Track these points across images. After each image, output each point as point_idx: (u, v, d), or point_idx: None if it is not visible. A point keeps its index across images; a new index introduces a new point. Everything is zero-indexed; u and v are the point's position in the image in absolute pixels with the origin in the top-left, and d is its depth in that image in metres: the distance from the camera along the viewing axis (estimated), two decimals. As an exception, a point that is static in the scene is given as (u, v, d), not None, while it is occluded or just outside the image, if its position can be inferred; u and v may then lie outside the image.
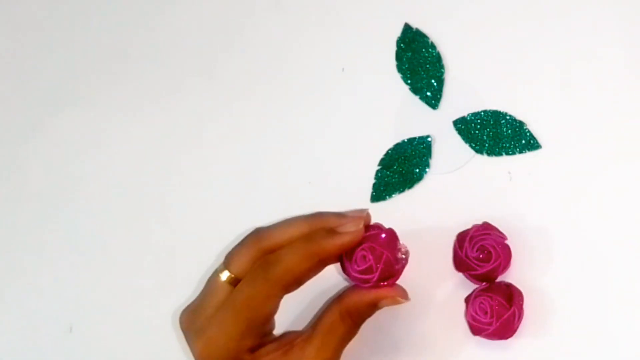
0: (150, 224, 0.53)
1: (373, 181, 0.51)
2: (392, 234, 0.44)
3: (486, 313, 0.45)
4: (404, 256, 0.45)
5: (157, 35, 0.56)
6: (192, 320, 0.44)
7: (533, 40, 0.51)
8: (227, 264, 0.44)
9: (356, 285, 0.44)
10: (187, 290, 0.50)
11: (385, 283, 0.43)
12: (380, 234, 0.44)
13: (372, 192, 0.51)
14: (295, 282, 0.43)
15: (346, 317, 0.43)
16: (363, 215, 0.44)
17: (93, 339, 0.52)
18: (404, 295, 0.44)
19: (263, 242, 0.44)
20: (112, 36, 0.56)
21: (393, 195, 0.50)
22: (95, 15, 0.57)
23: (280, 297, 0.43)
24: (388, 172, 0.51)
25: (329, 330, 0.43)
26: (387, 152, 0.51)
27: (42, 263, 0.53)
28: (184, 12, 0.56)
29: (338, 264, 0.45)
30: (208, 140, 0.53)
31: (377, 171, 0.51)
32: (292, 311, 0.49)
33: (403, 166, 0.51)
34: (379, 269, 0.43)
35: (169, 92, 0.55)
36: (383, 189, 0.51)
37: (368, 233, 0.44)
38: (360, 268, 0.43)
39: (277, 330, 0.46)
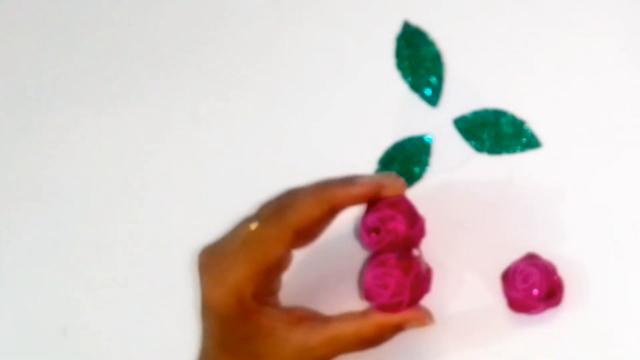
0: (144, 224, 0.53)
1: (373, 180, 0.51)
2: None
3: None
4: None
5: (153, 32, 0.55)
6: (208, 259, 0.44)
7: (534, 39, 0.51)
8: (258, 215, 0.44)
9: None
10: (182, 292, 0.50)
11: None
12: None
13: (372, 192, 0.51)
14: (306, 228, 0.43)
15: (367, 343, 0.43)
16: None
17: (87, 341, 0.52)
18: (430, 318, 0.44)
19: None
20: (104, 34, 0.56)
21: (393, 194, 0.50)
22: (88, 13, 0.56)
23: (291, 244, 0.43)
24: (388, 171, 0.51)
25: (343, 337, 0.43)
26: (387, 151, 0.51)
27: (36, 264, 0.53)
28: (181, 9, 0.55)
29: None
30: (205, 139, 0.53)
31: (377, 170, 0.51)
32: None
33: (403, 165, 0.51)
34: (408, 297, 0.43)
35: (166, 90, 0.54)
36: (383, 188, 0.50)
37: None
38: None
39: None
